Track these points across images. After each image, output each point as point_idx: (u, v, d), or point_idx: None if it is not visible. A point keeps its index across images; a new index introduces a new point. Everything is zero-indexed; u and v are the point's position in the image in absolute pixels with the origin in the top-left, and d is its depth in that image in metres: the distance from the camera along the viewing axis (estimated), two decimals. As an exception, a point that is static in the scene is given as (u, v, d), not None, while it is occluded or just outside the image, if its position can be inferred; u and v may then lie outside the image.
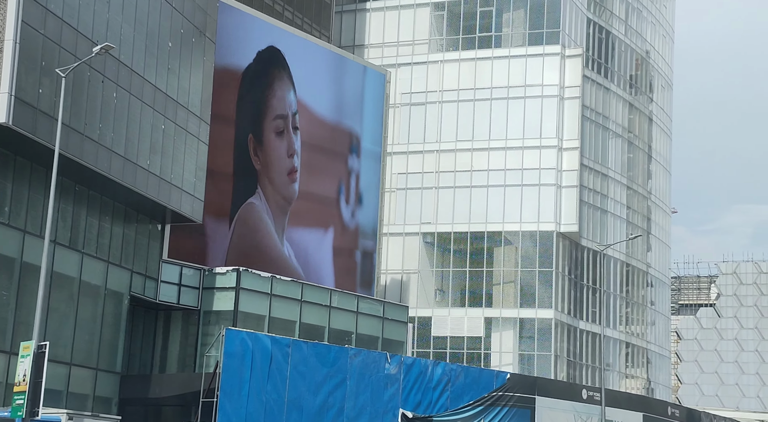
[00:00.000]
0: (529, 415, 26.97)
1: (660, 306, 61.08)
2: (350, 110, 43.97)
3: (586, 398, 28.59)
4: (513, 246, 49.75)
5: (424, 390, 24.43)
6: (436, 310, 49.86)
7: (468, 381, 25.68)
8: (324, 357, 21.74)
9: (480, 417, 25.66)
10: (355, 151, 44.33)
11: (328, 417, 21.64)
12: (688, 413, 33.38)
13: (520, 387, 26.87)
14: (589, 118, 52.11)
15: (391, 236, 50.88)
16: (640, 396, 38.31)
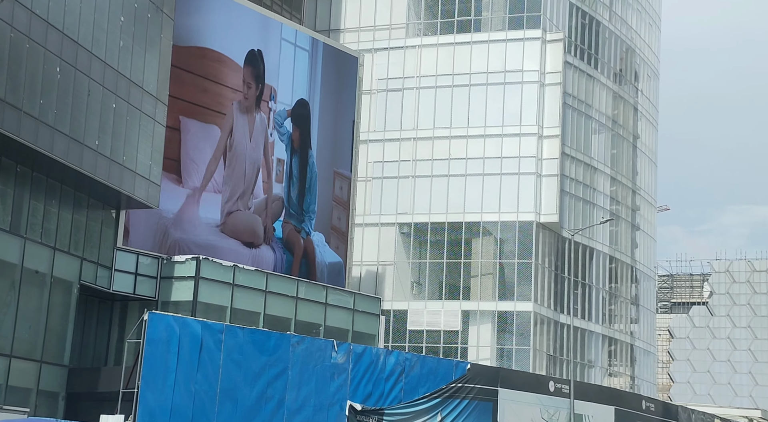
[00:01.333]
0: (491, 408, 25.29)
1: (646, 302, 59.44)
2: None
3: (554, 390, 26.93)
4: (491, 236, 48.10)
5: (376, 380, 22.75)
6: (412, 303, 48.19)
7: (424, 371, 24.00)
8: (262, 345, 20.08)
9: (437, 410, 23.98)
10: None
11: (266, 409, 19.99)
12: (664, 407, 31.73)
13: (482, 378, 25.20)
14: (571, 105, 50.45)
15: (367, 226, 49.21)
16: (611, 389, 36.64)
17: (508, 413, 25.56)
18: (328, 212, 42.17)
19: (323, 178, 41.74)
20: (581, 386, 29.67)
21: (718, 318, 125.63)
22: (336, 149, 42.81)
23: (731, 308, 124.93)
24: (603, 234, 53.66)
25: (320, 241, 41.41)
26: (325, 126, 42.33)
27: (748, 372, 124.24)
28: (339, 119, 43.24)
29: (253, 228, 39.50)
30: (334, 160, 42.57)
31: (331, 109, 42.84)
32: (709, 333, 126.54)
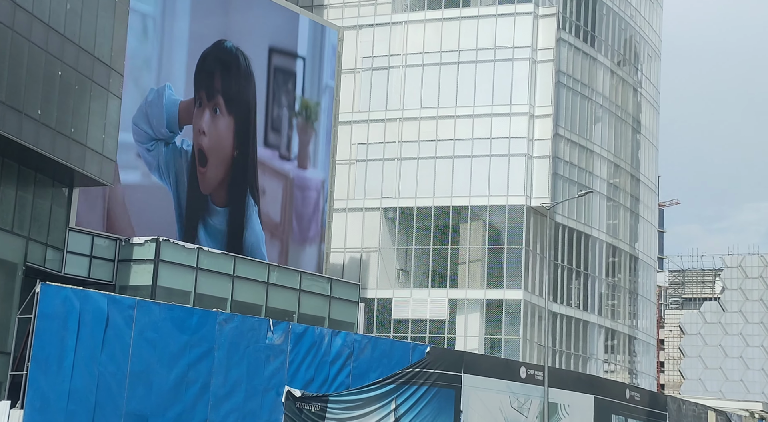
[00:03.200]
0: (454, 396, 22.80)
1: (645, 292, 56.64)
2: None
3: (525, 377, 24.39)
4: (480, 221, 45.52)
5: (319, 364, 20.35)
6: (396, 292, 45.71)
7: (376, 354, 21.57)
8: (183, 323, 17.74)
9: (390, 398, 21.54)
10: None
11: (187, 395, 17.65)
12: (651, 397, 29.08)
13: (443, 362, 22.71)
14: (565, 84, 47.77)
15: (350, 211, 46.79)
16: (591, 376, 33.90)
17: (473, 401, 23.09)
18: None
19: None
20: (557, 372, 27.11)
21: (730, 313, 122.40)
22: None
23: (743, 304, 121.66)
24: (601, 220, 50.97)
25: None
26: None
27: (761, 369, 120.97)
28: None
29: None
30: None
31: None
32: (721, 329, 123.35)
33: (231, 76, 37.60)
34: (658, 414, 28.28)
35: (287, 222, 39.23)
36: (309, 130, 40.22)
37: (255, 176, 38.08)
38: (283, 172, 39.20)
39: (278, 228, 39.05)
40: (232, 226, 37.99)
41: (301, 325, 20.82)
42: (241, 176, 37.69)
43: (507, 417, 23.85)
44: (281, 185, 39.11)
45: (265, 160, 38.32)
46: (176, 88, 35.76)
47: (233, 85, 37.59)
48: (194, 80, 36.15)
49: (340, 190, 46.62)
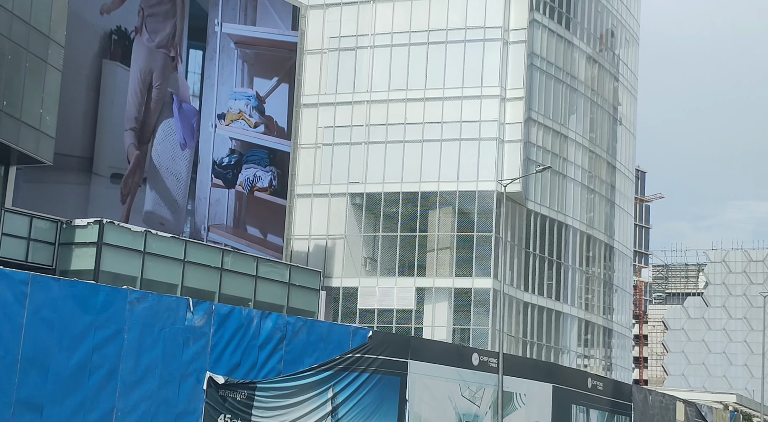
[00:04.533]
0: (399, 384, 21.01)
1: (622, 283, 54.97)
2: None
3: (478, 364, 22.63)
4: (449, 207, 43.73)
5: (247, 348, 18.52)
6: (363, 280, 43.87)
7: (312, 338, 19.75)
8: (87, 301, 15.90)
9: (327, 385, 19.73)
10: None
11: (90, 381, 15.81)
12: (615, 386, 27.36)
13: (388, 348, 20.91)
14: (539, 67, 45.98)
15: (316, 197, 44.93)
16: (550, 363, 32.15)
17: (420, 389, 21.31)
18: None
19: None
20: (512, 360, 25.36)
21: (713, 308, 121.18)
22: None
23: (727, 299, 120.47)
24: (575, 208, 49.24)
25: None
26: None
27: (744, 365, 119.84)
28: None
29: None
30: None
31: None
32: (704, 325, 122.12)
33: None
34: (623, 405, 26.58)
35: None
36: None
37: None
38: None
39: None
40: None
41: (226, 306, 18.98)
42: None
43: (457, 406, 22.10)
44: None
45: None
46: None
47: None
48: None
49: (305, 175, 44.79)
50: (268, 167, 37.46)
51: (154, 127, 33.57)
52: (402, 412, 20.97)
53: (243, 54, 36.44)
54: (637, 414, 27.04)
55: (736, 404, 44.96)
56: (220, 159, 35.64)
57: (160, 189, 33.66)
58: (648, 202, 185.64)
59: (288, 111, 38.47)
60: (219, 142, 35.60)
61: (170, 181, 33.73)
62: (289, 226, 39.05)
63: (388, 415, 20.65)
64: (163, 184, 33.69)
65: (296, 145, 39.39)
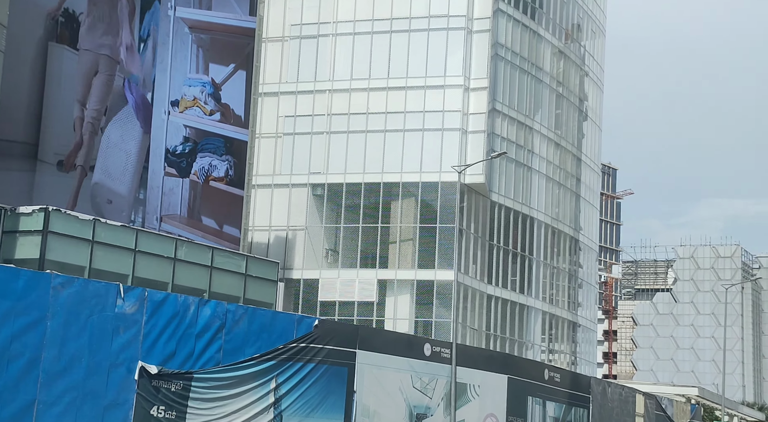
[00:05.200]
0: (346, 374, 20.19)
1: (587, 276, 54.54)
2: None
3: (430, 354, 21.86)
4: (412, 199, 42.96)
5: (183, 337, 17.60)
6: (324, 272, 42.99)
7: (254, 327, 18.87)
8: (6, 286, 14.89)
9: (270, 376, 18.87)
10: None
11: (9, 371, 14.81)
12: (572, 378, 26.72)
13: (335, 337, 20.07)
14: (504, 57, 45.34)
15: (276, 188, 43.96)
16: (505, 354, 31.49)
17: (369, 380, 20.50)
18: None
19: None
20: (466, 350, 24.63)
21: (682, 304, 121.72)
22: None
23: (695, 294, 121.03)
24: (540, 201, 48.69)
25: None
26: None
27: (712, 360, 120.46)
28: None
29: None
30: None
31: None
32: (673, 320, 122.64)
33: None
34: (581, 397, 25.97)
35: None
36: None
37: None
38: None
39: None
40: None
41: (161, 292, 18.03)
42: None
43: (408, 398, 21.33)
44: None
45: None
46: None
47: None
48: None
49: (265, 165, 43.82)
50: (225, 156, 36.40)
51: (103, 113, 32.40)
52: (349, 404, 20.16)
53: (198, 39, 35.35)
54: (595, 406, 26.46)
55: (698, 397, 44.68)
56: (173, 147, 34.54)
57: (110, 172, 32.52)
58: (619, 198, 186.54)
59: (245, 99, 37.41)
60: (172, 129, 34.48)
61: (120, 167, 32.61)
62: (246, 217, 38.01)
63: (335, 407, 19.84)
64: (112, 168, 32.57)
65: (254, 133, 38.38)
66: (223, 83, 36.40)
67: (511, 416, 23.37)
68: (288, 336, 19.39)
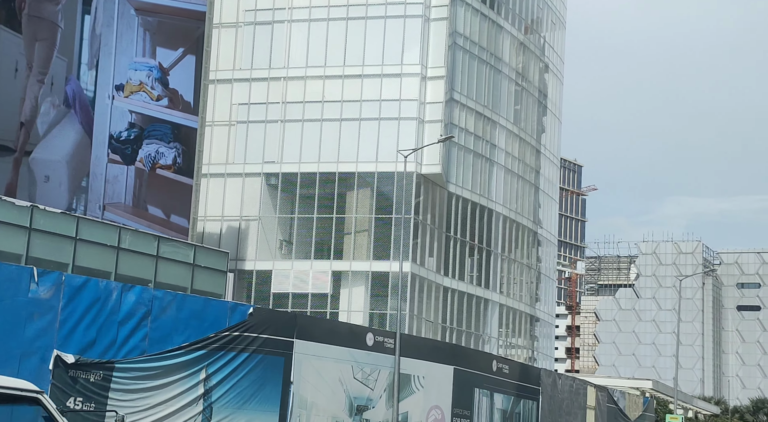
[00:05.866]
0: (283, 365, 19.27)
1: (546, 270, 54.10)
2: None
3: (373, 344, 21.01)
4: (368, 189, 42.09)
5: (104, 324, 16.56)
6: (277, 263, 41.98)
7: (184, 314, 17.86)
8: None
9: (200, 366, 17.88)
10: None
11: None
12: (522, 369, 26.02)
13: (271, 326, 19.12)
14: (462, 47, 44.61)
15: (229, 177, 42.84)
16: (452, 345, 30.79)
17: (307, 371, 19.61)
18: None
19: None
20: (411, 340, 23.87)
21: (644, 300, 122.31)
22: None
23: (657, 290, 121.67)
24: (498, 193, 48.07)
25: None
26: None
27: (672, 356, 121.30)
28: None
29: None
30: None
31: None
32: (635, 316, 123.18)
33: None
34: (530, 389, 25.28)
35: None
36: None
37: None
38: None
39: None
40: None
41: (80, 277, 16.97)
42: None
43: (349, 389, 20.47)
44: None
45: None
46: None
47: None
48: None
49: (217, 154, 42.68)
50: (172, 143, 35.21)
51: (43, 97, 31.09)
52: (286, 395, 19.25)
53: (144, 22, 34.12)
54: (545, 398, 25.84)
55: (652, 390, 44.37)
56: (117, 133, 33.28)
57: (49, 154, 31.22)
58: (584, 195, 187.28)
59: (195, 85, 36.23)
60: (117, 114, 33.23)
61: (59, 152, 31.33)
62: (195, 206, 36.86)
63: (270, 398, 18.92)
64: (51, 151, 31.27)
65: (204, 120, 37.21)
66: (171, 68, 35.20)
67: (457, 408, 22.64)
68: (220, 324, 18.44)
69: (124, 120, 33.59)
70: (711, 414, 58.68)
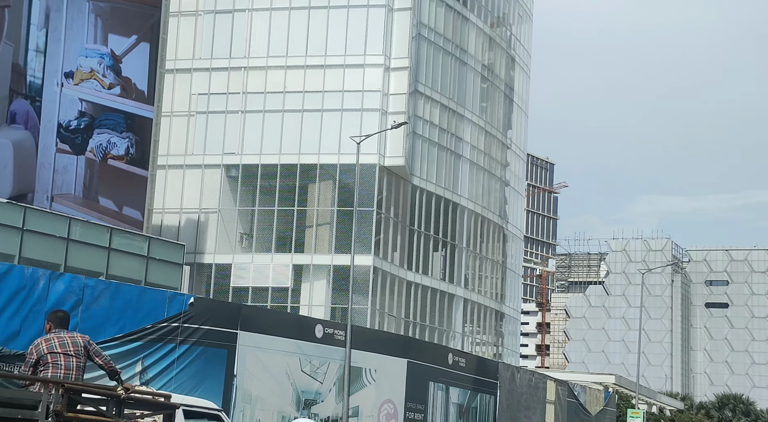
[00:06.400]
0: (226, 357, 18.41)
1: (513, 265, 53.57)
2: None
3: (322, 336, 20.17)
4: (330, 181, 41.25)
5: (30, 314, 15.61)
6: (236, 257, 41.01)
7: (118, 304, 16.95)
8: None
9: (135, 358, 16.99)
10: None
11: None
12: (479, 363, 25.26)
13: (213, 316, 18.24)
14: (427, 37, 43.91)
15: (188, 168, 41.78)
16: (406, 337, 30.00)
17: (252, 363, 18.75)
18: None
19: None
20: (363, 332, 23.05)
21: (613, 297, 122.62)
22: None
23: (627, 287, 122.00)
24: (464, 187, 47.45)
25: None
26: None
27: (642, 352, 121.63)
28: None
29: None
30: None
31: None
32: (605, 313, 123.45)
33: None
34: (488, 383, 24.57)
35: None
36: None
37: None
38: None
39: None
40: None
41: (3, 264, 15.99)
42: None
43: (296, 382, 19.62)
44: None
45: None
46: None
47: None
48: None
49: (176, 145, 41.62)
50: (125, 133, 34.08)
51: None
52: (229, 389, 18.40)
53: (96, 7, 32.98)
54: (503, 392, 25.15)
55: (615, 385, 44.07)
56: (67, 122, 32.11)
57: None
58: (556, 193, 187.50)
59: (149, 73, 35.14)
60: (66, 103, 32.05)
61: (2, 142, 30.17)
62: (150, 198, 35.79)
63: (212, 392, 18.03)
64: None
65: (160, 110, 36.12)
66: (124, 55, 34.08)
67: (411, 402, 21.88)
68: (158, 314, 17.55)
69: (74, 108, 32.43)
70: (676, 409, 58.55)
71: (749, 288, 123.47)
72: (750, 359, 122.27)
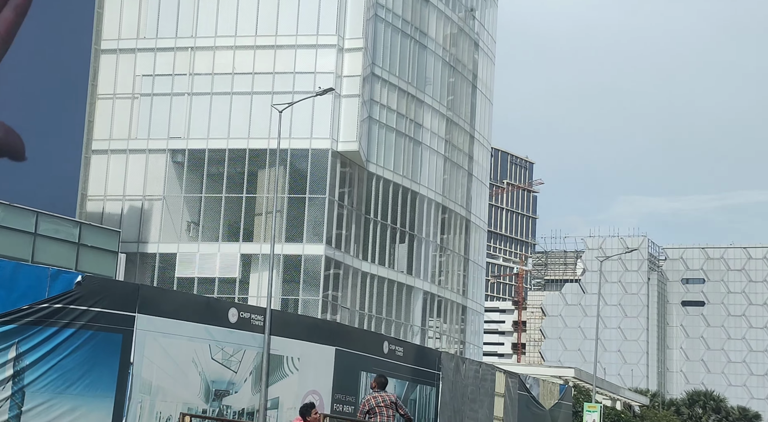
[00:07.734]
0: (121, 343, 16.43)
1: (476, 257, 51.76)
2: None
3: (237, 321, 18.16)
4: (280, 167, 39.25)
5: None
6: (182, 246, 38.93)
7: (-11, 282, 14.97)
8: None
9: (8, 343, 14.96)
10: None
11: None
12: (418, 352, 23.36)
13: (106, 297, 16.24)
14: (384, 18, 42.02)
15: (132, 153, 39.64)
16: (334, 323, 28.06)
17: (152, 350, 16.75)
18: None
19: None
20: (284, 317, 21.07)
21: (590, 295, 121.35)
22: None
23: (603, 285, 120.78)
24: (424, 175, 45.59)
25: None
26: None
27: (617, 351, 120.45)
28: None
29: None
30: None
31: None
32: (581, 311, 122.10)
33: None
34: (428, 373, 22.70)
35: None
36: None
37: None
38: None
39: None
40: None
41: None
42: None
43: (204, 371, 17.63)
44: None
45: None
46: None
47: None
48: None
49: (119, 129, 39.50)
50: (57, 112, 32.03)
51: None
52: (124, 378, 16.42)
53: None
54: (446, 384, 23.29)
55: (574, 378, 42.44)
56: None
57: None
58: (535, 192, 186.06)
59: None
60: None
61: None
62: (84, 183, 33.74)
63: (103, 382, 16.06)
64: None
65: (95, 89, 34.08)
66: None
67: (339, 393, 19.95)
68: (38, 294, 15.56)
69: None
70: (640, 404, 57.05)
71: (725, 287, 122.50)
72: (726, 357, 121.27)
